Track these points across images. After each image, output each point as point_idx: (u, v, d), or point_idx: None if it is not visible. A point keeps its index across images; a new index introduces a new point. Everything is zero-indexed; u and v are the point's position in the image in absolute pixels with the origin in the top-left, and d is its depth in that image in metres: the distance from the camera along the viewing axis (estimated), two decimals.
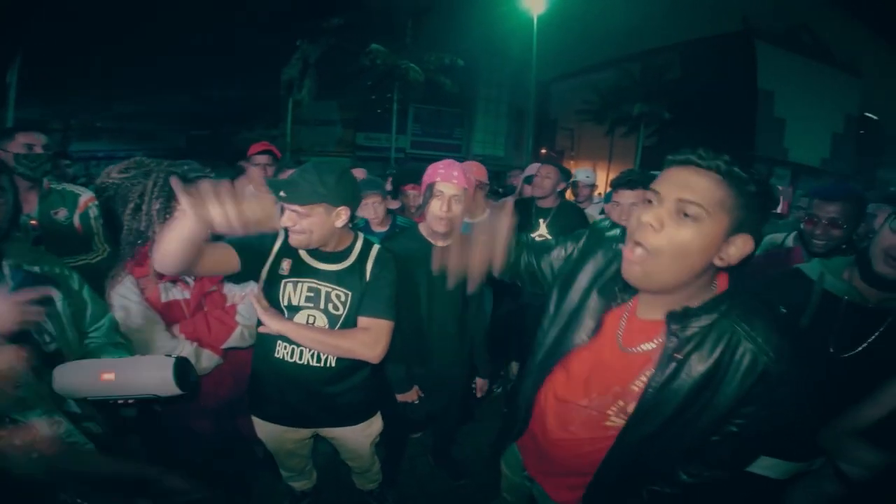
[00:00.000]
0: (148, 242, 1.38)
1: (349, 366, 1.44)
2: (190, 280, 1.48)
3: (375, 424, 1.67)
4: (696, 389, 0.83)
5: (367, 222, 2.41)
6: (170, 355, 1.07)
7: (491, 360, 2.02)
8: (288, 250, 1.38)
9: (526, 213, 2.62)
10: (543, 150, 28.44)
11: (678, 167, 0.80)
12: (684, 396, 0.84)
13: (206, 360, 1.45)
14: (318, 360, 1.41)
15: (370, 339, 1.34)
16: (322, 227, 1.28)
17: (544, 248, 1.14)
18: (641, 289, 0.86)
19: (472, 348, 1.91)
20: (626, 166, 12.43)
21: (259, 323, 1.36)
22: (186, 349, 1.40)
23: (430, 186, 1.58)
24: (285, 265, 1.37)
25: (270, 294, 1.37)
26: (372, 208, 2.33)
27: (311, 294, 1.37)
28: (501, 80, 23.24)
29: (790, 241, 2.17)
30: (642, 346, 0.89)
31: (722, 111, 19.15)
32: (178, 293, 1.46)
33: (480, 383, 1.99)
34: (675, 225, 0.76)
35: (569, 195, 3.41)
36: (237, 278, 1.40)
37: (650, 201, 0.80)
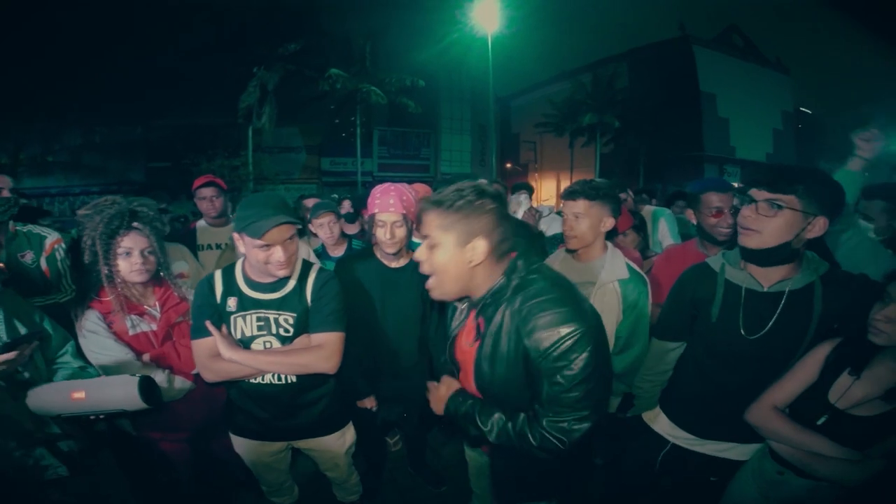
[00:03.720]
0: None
1: (311, 380, 1.51)
2: (156, 312, 1.54)
3: (348, 434, 1.74)
4: (494, 358, 1.04)
5: (324, 247, 2.48)
6: (134, 374, 1.18)
7: None
8: (230, 289, 1.45)
9: None
10: (508, 165, 29.08)
11: (423, 212, 1.05)
12: (490, 365, 1.05)
13: (179, 383, 1.52)
14: (279, 378, 1.49)
15: (324, 353, 1.42)
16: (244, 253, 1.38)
17: None
18: (445, 300, 1.14)
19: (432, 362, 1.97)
20: (588, 175, 12.90)
21: None
22: (159, 376, 1.45)
23: (372, 217, 1.70)
24: (231, 303, 1.44)
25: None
26: (328, 227, 2.40)
27: (261, 323, 1.45)
28: (463, 98, 23.72)
29: None
30: (473, 341, 1.12)
31: (670, 115, 20.20)
32: (145, 325, 1.52)
33: None
34: (431, 253, 1.05)
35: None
36: None
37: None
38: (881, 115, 1.45)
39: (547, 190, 27.93)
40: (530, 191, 3.45)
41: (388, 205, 1.64)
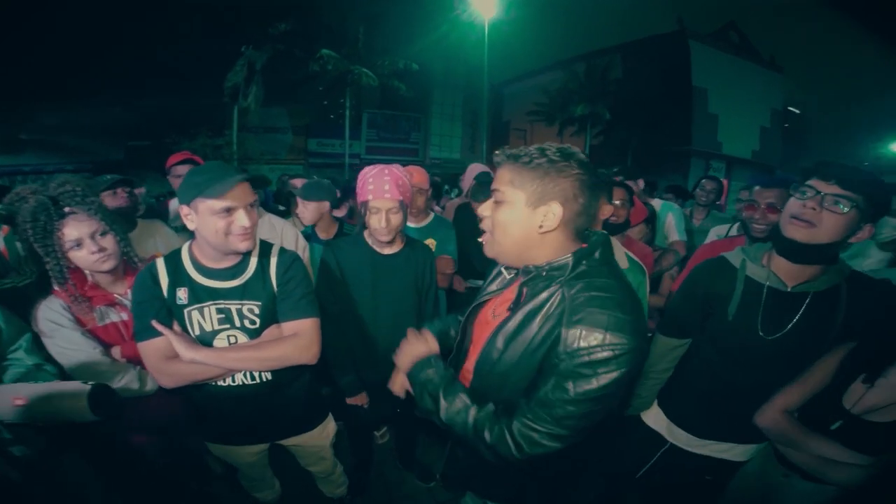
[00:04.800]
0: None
1: (287, 375, 1.38)
2: (127, 301, 1.41)
3: (329, 426, 1.66)
4: (515, 336, 0.94)
5: (314, 230, 2.38)
6: (87, 382, 1.04)
7: None
8: (178, 279, 1.27)
9: (472, 217, 2.63)
10: (497, 152, 28.92)
11: (497, 165, 0.98)
12: (505, 343, 0.95)
13: (152, 382, 1.38)
14: (252, 377, 1.34)
15: (303, 342, 1.28)
16: (198, 227, 1.20)
17: None
18: (497, 261, 1.03)
19: None
20: None
21: None
22: (129, 374, 1.32)
23: (365, 204, 1.55)
24: (181, 294, 1.26)
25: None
26: (316, 212, 2.30)
27: (222, 315, 1.28)
28: (456, 84, 23.36)
29: (734, 232, 2.33)
30: (502, 312, 1.02)
31: (661, 108, 20.16)
32: (115, 316, 1.39)
33: None
34: (495, 210, 0.95)
35: None
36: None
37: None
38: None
39: None
40: None
41: (382, 191, 1.51)
